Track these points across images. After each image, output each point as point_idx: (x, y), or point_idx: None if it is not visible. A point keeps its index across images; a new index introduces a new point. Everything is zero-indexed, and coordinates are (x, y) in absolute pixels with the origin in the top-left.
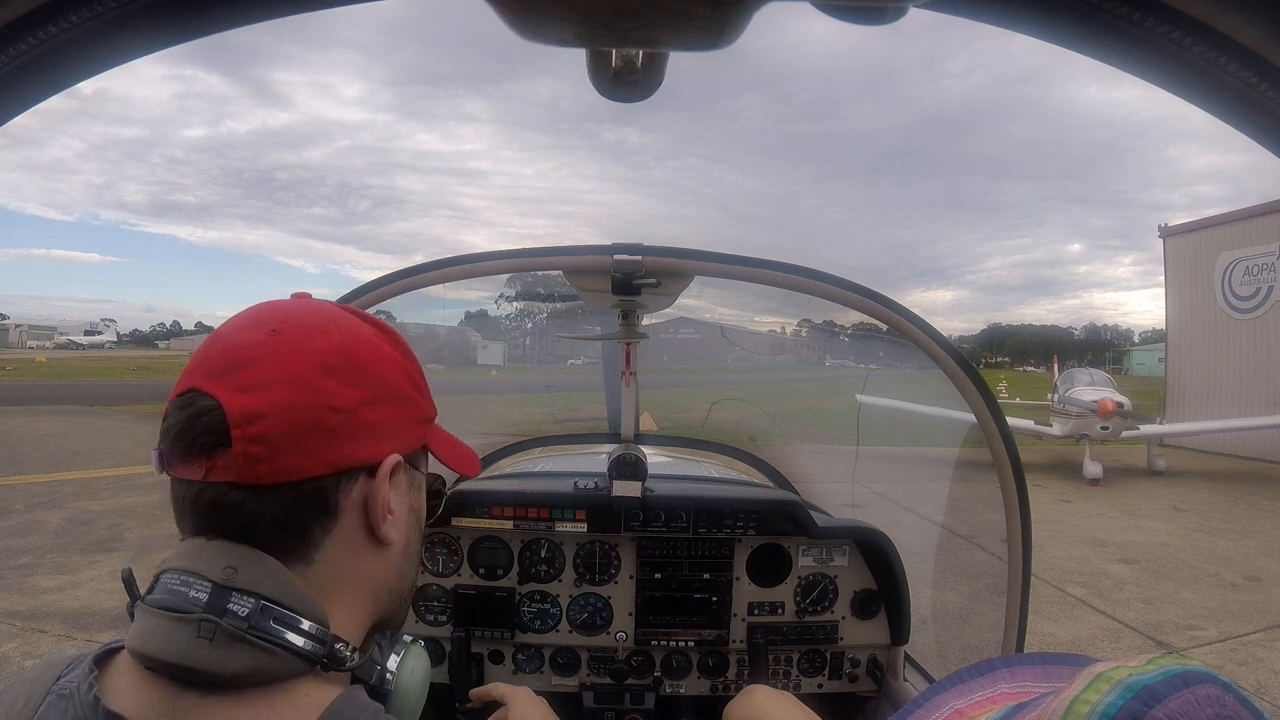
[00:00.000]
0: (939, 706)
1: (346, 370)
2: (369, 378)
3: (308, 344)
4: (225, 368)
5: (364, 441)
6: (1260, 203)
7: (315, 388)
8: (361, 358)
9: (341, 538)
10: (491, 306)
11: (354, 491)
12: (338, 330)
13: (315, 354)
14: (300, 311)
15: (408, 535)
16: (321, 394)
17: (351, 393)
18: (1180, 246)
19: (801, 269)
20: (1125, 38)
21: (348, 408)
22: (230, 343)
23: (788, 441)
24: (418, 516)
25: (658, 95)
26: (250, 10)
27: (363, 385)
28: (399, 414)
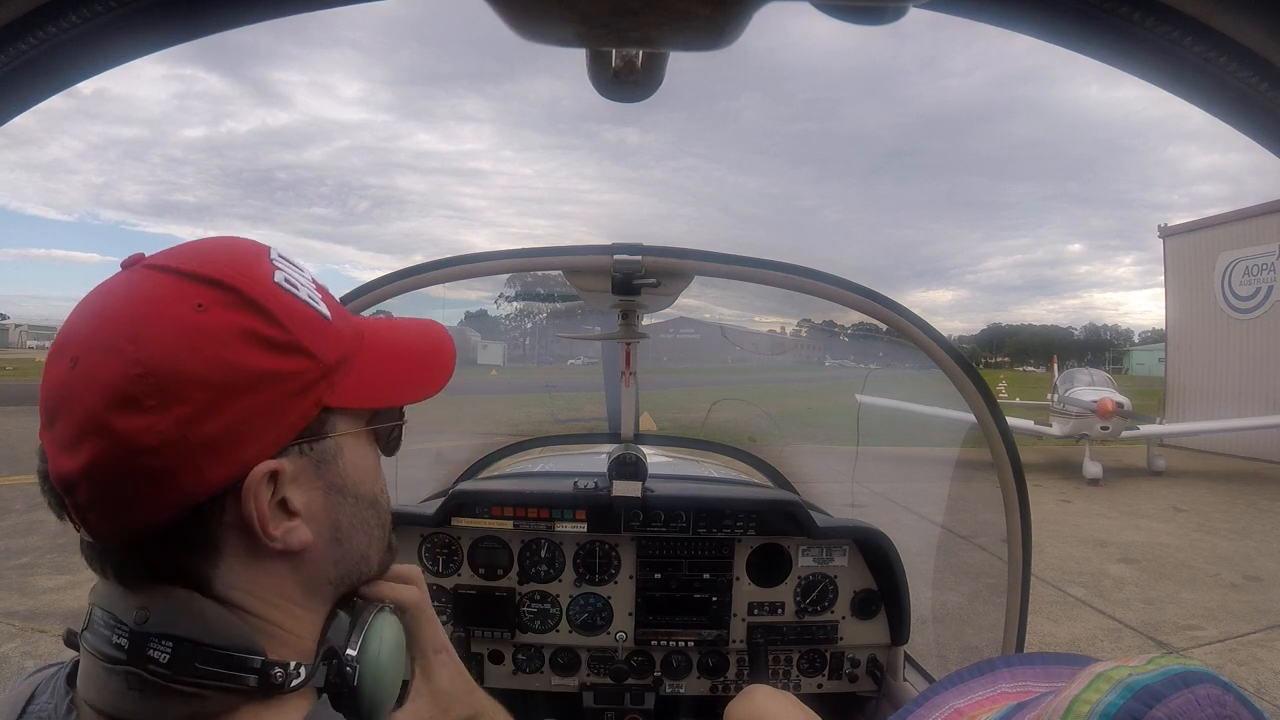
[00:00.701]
0: (939, 706)
1: (151, 392)
2: (188, 384)
3: (96, 374)
4: (47, 416)
5: (208, 464)
6: (1260, 203)
7: (116, 433)
8: (170, 363)
9: (237, 564)
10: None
11: (226, 516)
12: (130, 338)
13: (103, 386)
14: (96, 318)
15: (334, 519)
16: (125, 437)
17: (163, 421)
18: (1180, 246)
19: (801, 269)
20: (1125, 38)
21: (163, 442)
22: (46, 380)
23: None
24: (345, 488)
25: (658, 95)
26: (250, 10)
27: (179, 400)
28: (255, 402)
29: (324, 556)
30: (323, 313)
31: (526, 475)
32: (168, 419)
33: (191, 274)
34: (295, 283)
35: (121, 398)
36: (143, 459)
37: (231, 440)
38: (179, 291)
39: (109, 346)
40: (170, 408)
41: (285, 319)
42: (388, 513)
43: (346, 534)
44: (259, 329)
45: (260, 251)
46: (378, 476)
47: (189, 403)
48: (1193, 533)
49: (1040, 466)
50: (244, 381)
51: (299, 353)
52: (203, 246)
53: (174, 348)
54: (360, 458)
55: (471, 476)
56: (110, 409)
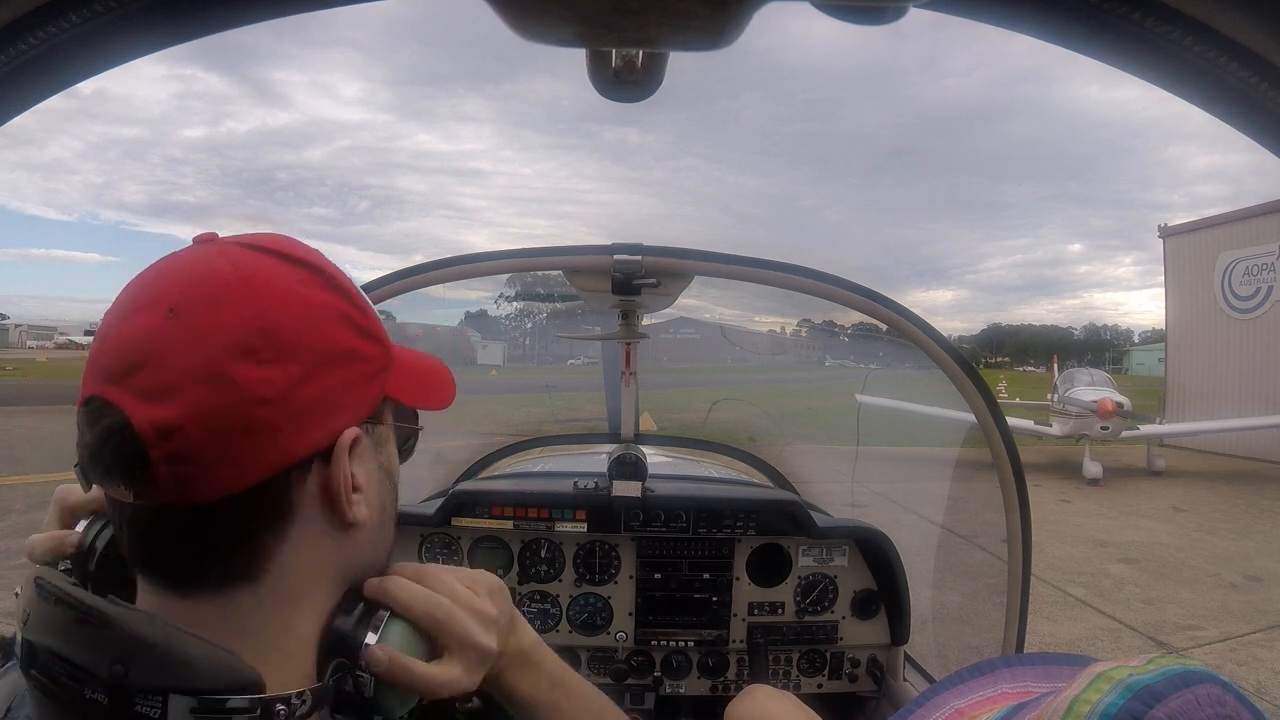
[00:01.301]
0: (939, 706)
1: (269, 347)
2: (299, 347)
3: (213, 323)
4: (125, 367)
5: (308, 426)
6: (1260, 203)
7: (233, 381)
8: (285, 323)
9: (301, 537)
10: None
11: (309, 482)
12: (249, 294)
13: (224, 337)
14: (198, 276)
15: (381, 501)
16: (242, 387)
17: (279, 374)
18: (1180, 246)
19: (801, 269)
20: (1125, 38)
21: (278, 395)
22: (123, 333)
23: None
24: (389, 473)
25: (658, 95)
26: (250, 10)
27: (293, 359)
28: (346, 375)
29: (371, 536)
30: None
31: (526, 475)
32: (282, 374)
33: (283, 254)
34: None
35: (241, 348)
36: (256, 410)
37: (325, 407)
38: (279, 266)
39: (222, 301)
40: (284, 364)
41: (365, 307)
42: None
43: (388, 517)
44: (347, 311)
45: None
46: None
47: (299, 363)
48: (1193, 533)
49: (1040, 466)
50: (338, 354)
51: (374, 339)
52: (272, 237)
53: (287, 311)
54: (393, 448)
55: (471, 476)
56: (229, 358)
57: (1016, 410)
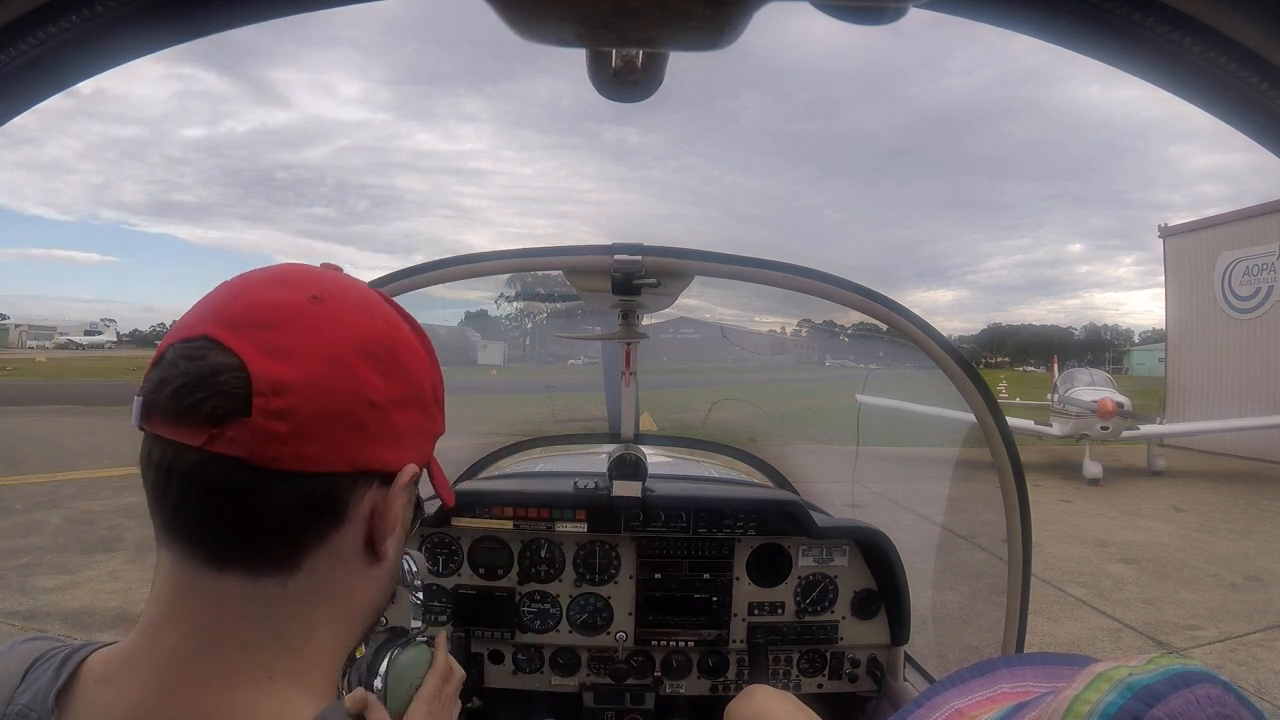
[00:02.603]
0: (939, 706)
1: (388, 362)
2: (406, 376)
3: (351, 321)
4: (253, 322)
5: (389, 444)
6: (1260, 202)
7: (354, 373)
8: (401, 350)
9: (339, 548)
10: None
11: (366, 499)
12: (382, 315)
13: (358, 335)
14: (341, 284)
15: (397, 551)
16: (359, 381)
17: (388, 388)
18: (1180, 246)
19: (801, 269)
20: (1125, 38)
21: (381, 403)
22: (260, 296)
23: (788, 441)
24: (405, 533)
25: (658, 95)
26: (250, 10)
27: (399, 382)
28: (422, 422)
29: (383, 578)
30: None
31: (526, 475)
32: (390, 389)
33: (398, 308)
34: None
35: (368, 351)
36: (358, 406)
37: (404, 437)
38: (396, 311)
39: (363, 309)
40: (395, 383)
41: (440, 382)
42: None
43: (394, 571)
44: (435, 373)
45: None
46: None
47: (401, 388)
48: (1193, 533)
49: (1040, 466)
50: (425, 402)
51: (441, 407)
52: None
53: (406, 344)
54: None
55: (472, 476)
56: (357, 353)
57: (1016, 410)
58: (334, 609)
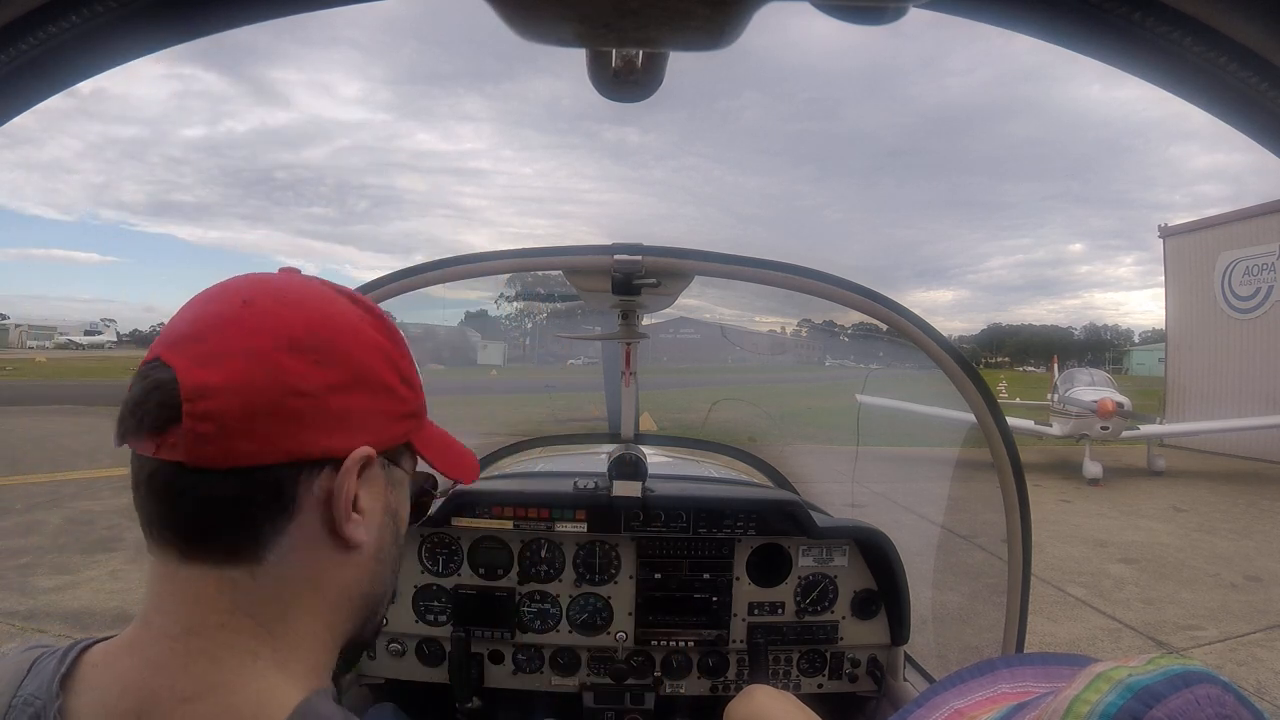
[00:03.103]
0: (939, 706)
1: (318, 349)
2: (343, 360)
3: (277, 316)
4: (189, 337)
5: (331, 430)
6: (1260, 202)
7: (278, 366)
8: (337, 337)
9: (300, 536)
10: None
11: (316, 485)
12: (315, 304)
13: (284, 328)
14: (277, 284)
15: (380, 538)
16: (284, 373)
17: (320, 375)
18: (1180, 246)
19: (801, 269)
20: (1125, 38)
21: (313, 391)
22: (198, 312)
23: (788, 441)
24: (396, 518)
25: (658, 95)
26: (250, 10)
27: (334, 367)
28: (376, 404)
29: (365, 566)
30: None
31: (526, 475)
32: (321, 376)
33: (350, 295)
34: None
35: (293, 343)
36: (286, 398)
37: (350, 421)
38: (345, 298)
39: (295, 304)
40: (325, 369)
41: (407, 355)
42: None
43: (386, 559)
44: (393, 354)
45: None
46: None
47: (339, 373)
48: (1193, 533)
49: (1040, 466)
50: (375, 383)
51: (409, 385)
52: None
53: (344, 330)
54: (406, 504)
55: None
56: (279, 346)
57: (1016, 410)
58: (310, 597)
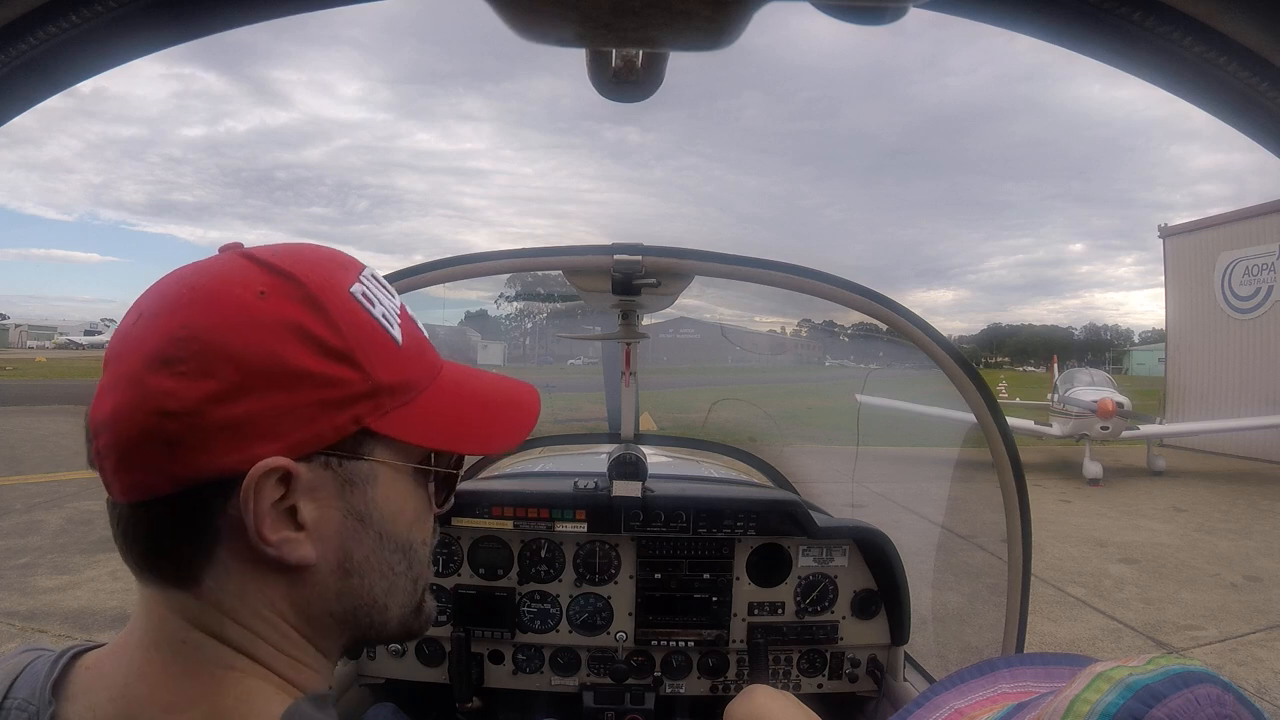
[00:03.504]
0: (939, 706)
1: (189, 358)
2: (225, 361)
3: (153, 329)
4: (103, 365)
5: (220, 446)
6: (1260, 202)
7: (146, 388)
8: (216, 336)
9: (233, 562)
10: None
11: (228, 507)
12: (191, 302)
13: (153, 342)
14: (174, 283)
15: (345, 549)
16: (152, 395)
17: (193, 388)
18: (1180, 246)
19: (801, 269)
20: (1126, 38)
21: (186, 409)
22: (114, 334)
23: (788, 441)
24: (371, 520)
25: (658, 95)
26: (250, 10)
27: (213, 374)
28: (288, 399)
29: (326, 584)
30: (393, 335)
31: (526, 475)
32: (195, 389)
33: (267, 263)
34: (373, 299)
35: (161, 357)
36: (157, 422)
37: (252, 430)
38: (248, 275)
39: (169, 310)
40: (202, 379)
41: (344, 325)
42: (424, 569)
43: (359, 569)
44: (312, 328)
45: (349, 264)
46: (418, 523)
47: (220, 380)
48: (1193, 533)
49: (1040, 466)
50: (281, 374)
51: (347, 362)
52: (298, 247)
53: (222, 323)
54: (400, 495)
55: (471, 477)
56: (149, 365)
57: (1016, 410)
58: (270, 616)
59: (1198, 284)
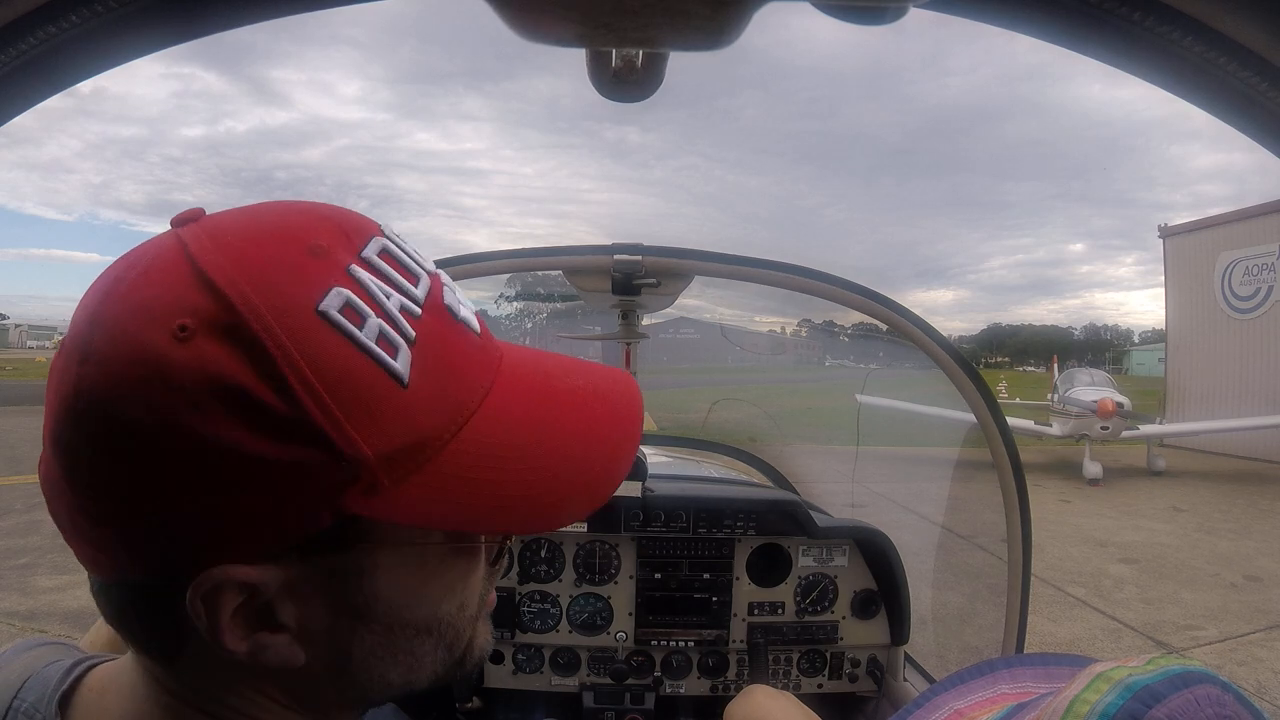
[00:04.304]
0: (939, 707)
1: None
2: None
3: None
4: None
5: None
6: (1260, 202)
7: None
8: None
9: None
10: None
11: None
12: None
13: (51, 405)
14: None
15: (339, 647)
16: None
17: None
18: (1180, 246)
19: (801, 269)
20: (1126, 38)
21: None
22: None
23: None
24: (368, 617)
25: (658, 95)
26: (250, 10)
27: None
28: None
29: (322, 680)
30: (392, 372)
31: None
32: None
33: (202, 272)
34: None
35: (54, 435)
36: (80, 518)
37: (186, 535)
38: (172, 293)
39: (69, 356)
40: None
41: (300, 377)
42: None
43: (361, 665)
44: (248, 388)
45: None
46: (450, 595)
47: (133, 465)
48: (1193, 533)
49: (1040, 466)
50: (209, 468)
51: (304, 438)
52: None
53: (122, 386)
54: (412, 578)
55: None
56: (49, 437)
57: (1016, 410)
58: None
59: (1198, 284)
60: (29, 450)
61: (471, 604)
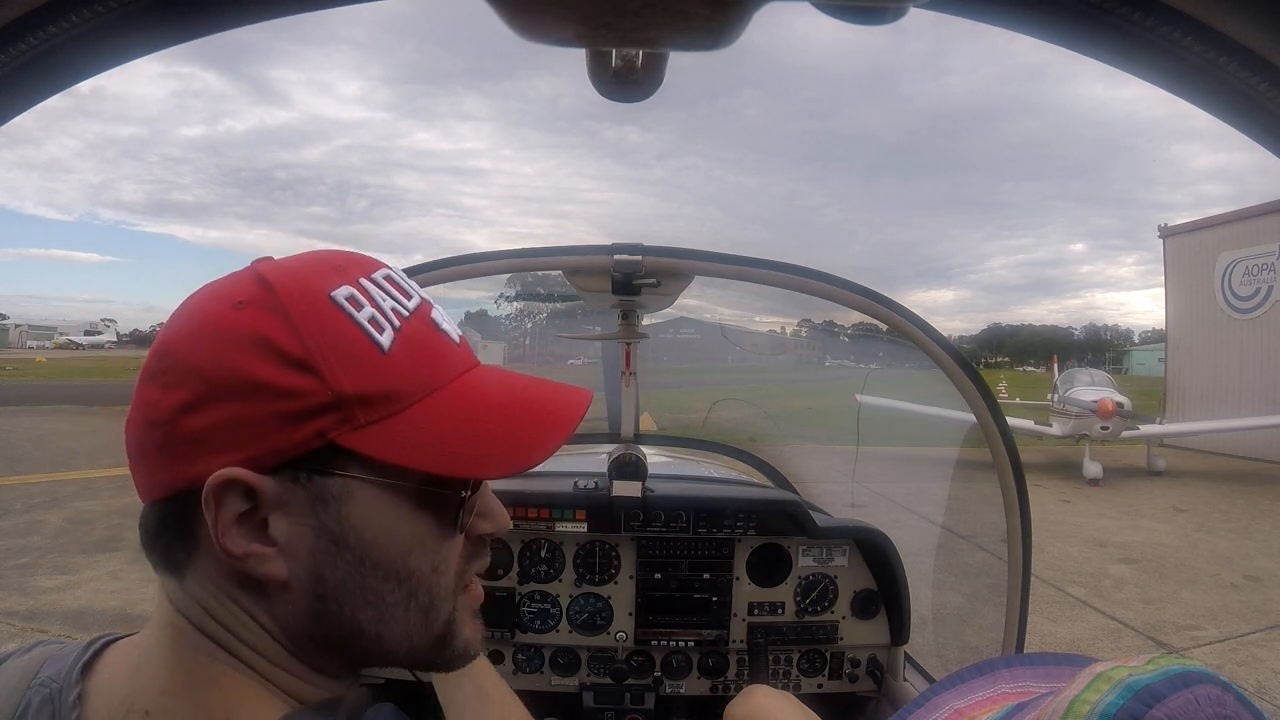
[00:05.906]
0: (939, 707)
1: (167, 370)
2: (190, 373)
3: (155, 343)
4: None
5: (189, 457)
6: (1261, 202)
7: (140, 399)
8: (182, 349)
9: (212, 566)
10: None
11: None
12: (178, 316)
13: (150, 355)
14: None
15: (316, 570)
16: (143, 406)
17: (169, 398)
18: (1180, 246)
19: (801, 269)
20: (1126, 38)
21: (165, 418)
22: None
23: (788, 441)
24: (342, 544)
25: (658, 95)
26: (251, 10)
27: (183, 385)
28: (243, 410)
29: (300, 606)
30: (376, 341)
31: (526, 475)
32: (170, 400)
33: (260, 274)
34: (363, 303)
35: (150, 370)
36: (150, 431)
37: (213, 441)
38: (238, 287)
39: (168, 324)
40: (175, 391)
41: (309, 333)
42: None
43: (334, 594)
44: (276, 338)
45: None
46: (420, 549)
47: (188, 391)
48: (1193, 533)
49: (1040, 466)
50: (235, 386)
51: (307, 372)
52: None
53: (192, 337)
54: (386, 517)
55: None
56: (144, 378)
57: (1016, 410)
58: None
59: (1198, 284)
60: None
61: (446, 571)
